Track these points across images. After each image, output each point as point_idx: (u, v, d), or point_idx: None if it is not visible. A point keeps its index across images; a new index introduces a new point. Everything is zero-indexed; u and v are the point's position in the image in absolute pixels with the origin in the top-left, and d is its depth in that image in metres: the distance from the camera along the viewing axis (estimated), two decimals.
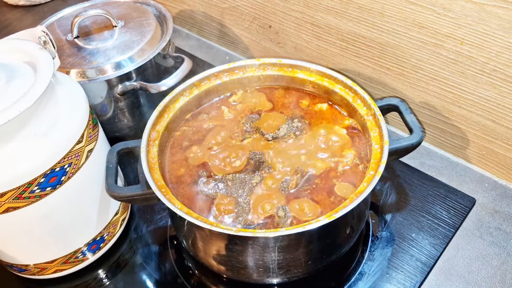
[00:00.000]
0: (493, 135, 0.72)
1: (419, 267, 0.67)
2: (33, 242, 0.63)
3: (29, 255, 0.65)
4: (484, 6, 0.61)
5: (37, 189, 0.56)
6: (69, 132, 0.59)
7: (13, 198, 0.55)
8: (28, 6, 1.27)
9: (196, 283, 0.68)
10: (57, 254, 0.66)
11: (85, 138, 0.61)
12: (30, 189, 0.55)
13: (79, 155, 0.60)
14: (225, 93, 0.74)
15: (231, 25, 1.01)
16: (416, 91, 0.78)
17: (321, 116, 0.69)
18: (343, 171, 0.62)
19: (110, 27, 0.83)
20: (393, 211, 0.74)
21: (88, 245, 0.68)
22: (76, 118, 0.60)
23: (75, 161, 0.59)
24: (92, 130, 0.63)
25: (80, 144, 0.59)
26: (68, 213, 0.62)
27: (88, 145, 0.61)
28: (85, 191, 0.63)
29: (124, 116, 0.84)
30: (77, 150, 0.59)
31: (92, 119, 0.64)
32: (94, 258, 0.70)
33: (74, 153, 0.59)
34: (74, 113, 0.61)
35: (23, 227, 0.60)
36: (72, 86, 0.64)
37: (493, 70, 0.66)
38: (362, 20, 0.76)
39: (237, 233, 0.52)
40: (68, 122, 0.59)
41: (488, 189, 0.76)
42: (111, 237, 0.71)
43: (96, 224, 0.67)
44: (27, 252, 0.64)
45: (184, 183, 0.62)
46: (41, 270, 0.67)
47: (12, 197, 0.55)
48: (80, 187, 0.62)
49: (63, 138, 0.58)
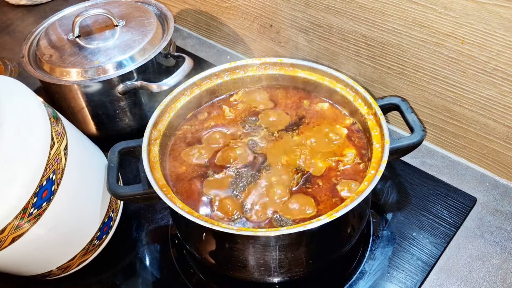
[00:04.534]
0: (494, 134, 0.72)
1: (420, 266, 0.67)
2: (48, 252, 0.63)
3: (49, 263, 0.65)
4: (485, 5, 0.61)
5: (34, 209, 0.55)
6: (38, 141, 0.55)
7: (14, 228, 0.54)
8: (29, 6, 1.27)
9: (197, 281, 0.68)
10: (76, 250, 0.66)
11: (55, 139, 0.58)
12: (27, 213, 0.55)
13: (58, 158, 0.58)
14: (226, 93, 0.74)
15: (232, 24, 1.01)
16: (417, 90, 0.78)
17: (322, 116, 0.69)
18: (344, 170, 0.62)
19: (111, 27, 0.83)
20: (394, 210, 0.74)
21: (100, 229, 0.68)
22: (37, 123, 0.57)
23: (57, 166, 0.57)
24: (57, 125, 0.60)
25: (54, 147, 0.57)
26: (72, 213, 0.63)
27: (61, 143, 0.59)
28: (80, 186, 0.63)
29: (125, 115, 0.85)
30: (54, 154, 0.57)
31: (51, 115, 0.60)
32: (109, 237, 0.71)
33: (52, 159, 0.57)
34: (33, 119, 0.57)
35: (34, 246, 0.59)
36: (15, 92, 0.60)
37: (494, 69, 0.66)
38: (363, 19, 0.76)
39: (238, 232, 0.52)
40: (31, 132, 0.55)
41: (489, 188, 0.76)
42: (116, 212, 0.72)
43: (101, 207, 0.68)
44: (46, 262, 0.64)
45: (185, 182, 0.62)
46: (65, 269, 0.67)
47: (13, 228, 0.54)
48: (73, 185, 0.61)
49: (35, 150, 0.55)
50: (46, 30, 0.86)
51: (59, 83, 0.77)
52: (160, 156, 0.63)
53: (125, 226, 0.75)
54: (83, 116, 0.83)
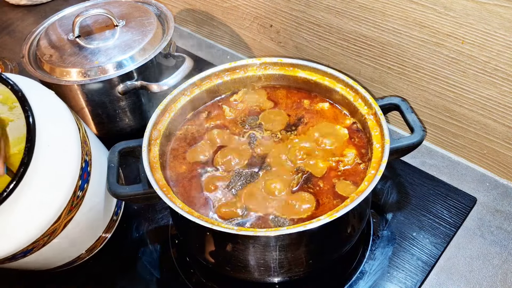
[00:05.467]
0: (494, 134, 0.72)
1: (420, 266, 0.67)
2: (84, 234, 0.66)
3: (82, 245, 0.68)
4: (485, 5, 0.61)
5: (80, 192, 0.59)
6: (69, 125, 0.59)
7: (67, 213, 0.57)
8: (29, 6, 1.27)
9: (197, 281, 0.68)
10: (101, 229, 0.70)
11: (77, 123, 0.60)
12: (76, 195, 0.58)
13: (85, 140, 0.61)
14: (226, 93, 0.74)
15: (232, 24, 1.01)
16: (417, 90, 0.78)
17: (322, 115, 0.69)
18: (344, 170, 0.62)
19: (111, 27, 0.83)
20: (394, 210, 0.74)
21: (116, 205, 0.73)
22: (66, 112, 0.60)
23: (86, 147, 0.60)
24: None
25: (80, 131, 0.60)
26: (101, 192, 0.65)
27: (80, 127, 0.61)
28: (102, 166, 0.65)
29: (126, 115, 0.85)
30: (82, 138, 0.60)
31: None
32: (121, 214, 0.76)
33: (83, 142, 0.59)
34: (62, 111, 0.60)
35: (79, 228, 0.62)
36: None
37: (494, 69, 0.66)
38: (363, 19, 0.76)
39: (238, 232, 0.52)
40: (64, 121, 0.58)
41: (489, 188, 0.76)
42: None
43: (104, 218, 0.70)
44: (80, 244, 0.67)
45: (185, 182, 0.62)
46: (91, 250, 0.70)
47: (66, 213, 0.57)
48: (98, 166, 0.64)
49: (71, 135, 0.58)
50: (46, 30, 0.86)
51: (59, 83, 0.77)
52: (160, 156, 0.63)
53: (125, 226, 0.75)
54: (83, 116, 0.83)
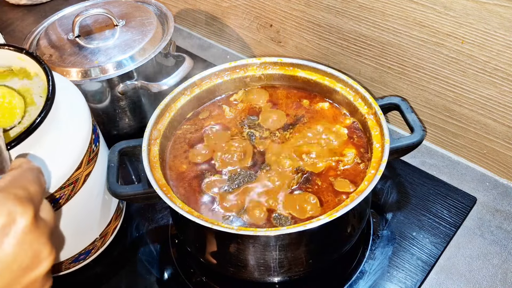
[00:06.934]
0: (494, 134, 0.72)
1: (420, 266, 0.67)
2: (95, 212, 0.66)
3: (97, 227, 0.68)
4: (485, 5, 0.61)
5: (94, 146, 0.60)
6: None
7: (86, 164, 0.58)
8: (29, 6, 1.27)
9: (197, 281, 0.68)
10: (111, 212, 0.70)
11: (83, 163, 0.58)
12: (91, 148, 0.59)
13: (79, 179, 0.58)
14: (226, 92, 0.74)
15: (232, 24, 1.01)
16: (417, 90, 0.78)
17: (322, 115, 0.69)
18: (343, 170, 0.62)
19: (111, 26, 0.83)
20: (394, 210, 0.74)
21: None
22: (77, 140, 0.57)
23: (71, 188, 0.57)
24: (95, 146, 0.61)
25: (78, 170, 0.57)
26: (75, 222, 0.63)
27: (87, 169, 0.59)
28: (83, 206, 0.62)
29: (125, 115, 0.85)
30: (75, 176, 0.57)
31: (93, 136, 0.61)
32: None
33: (72, 179, 0.56)
34: (77, 133, 0.58)
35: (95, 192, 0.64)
36: (73, 97, 0.62)
37: (494, 69, 0.66)
38: (363, 19, 0.76)
39: (238, 232, 0.52)
40: (69, 145, 0.56)
41: (489, 188, 0.76)
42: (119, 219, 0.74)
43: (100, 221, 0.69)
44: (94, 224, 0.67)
45: (185, 182, 0.62)
46: (104, 237, 0.69)
47: (85, 164, 0.57)
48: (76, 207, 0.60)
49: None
50: (46, 30, 0.85)
51: None
52: (160, 155, 0.63)
53: (125, 226, 0.75)
54: None
